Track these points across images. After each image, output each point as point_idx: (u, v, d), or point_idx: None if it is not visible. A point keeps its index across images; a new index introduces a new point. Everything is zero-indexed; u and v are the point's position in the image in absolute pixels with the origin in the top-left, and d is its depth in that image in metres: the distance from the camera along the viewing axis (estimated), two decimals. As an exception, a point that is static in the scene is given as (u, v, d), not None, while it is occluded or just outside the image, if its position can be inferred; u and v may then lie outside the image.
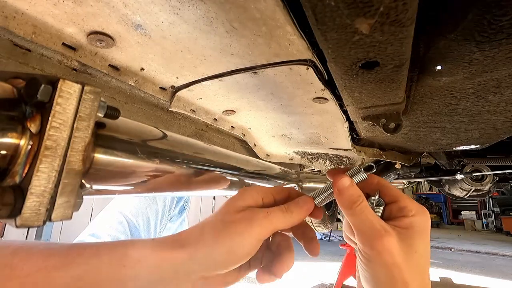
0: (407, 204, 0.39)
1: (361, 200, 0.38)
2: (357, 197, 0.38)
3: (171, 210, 1.31)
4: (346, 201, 0.38)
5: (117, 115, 0.34)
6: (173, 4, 0.40)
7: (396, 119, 0.61)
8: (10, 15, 0.41)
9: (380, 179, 0.42)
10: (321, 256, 4.97)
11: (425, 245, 0.37)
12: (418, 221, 0.38)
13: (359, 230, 0.38)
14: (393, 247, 0.35)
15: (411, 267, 0.35)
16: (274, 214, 0.37)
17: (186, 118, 0.86)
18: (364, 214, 0.37)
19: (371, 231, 0.36)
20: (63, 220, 0.29)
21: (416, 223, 0.37)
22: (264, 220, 0.36)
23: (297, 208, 0.40)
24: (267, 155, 1.22)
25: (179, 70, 0.60)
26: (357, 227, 0.38)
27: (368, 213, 0.37)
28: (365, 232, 0.37)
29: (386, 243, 0.35)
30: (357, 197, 0.38)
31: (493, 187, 1.97)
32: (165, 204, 1.27)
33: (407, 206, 0.39)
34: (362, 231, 0.37)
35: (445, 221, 11.08)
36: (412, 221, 0.37)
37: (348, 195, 0.38)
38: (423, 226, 0.38)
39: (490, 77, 0.50)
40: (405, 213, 0.38)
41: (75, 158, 0.29)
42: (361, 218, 0.37)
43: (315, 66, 0.54)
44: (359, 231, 0.38)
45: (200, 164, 0.56)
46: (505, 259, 5.29)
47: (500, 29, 0.35)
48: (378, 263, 0.36)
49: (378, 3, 0.27)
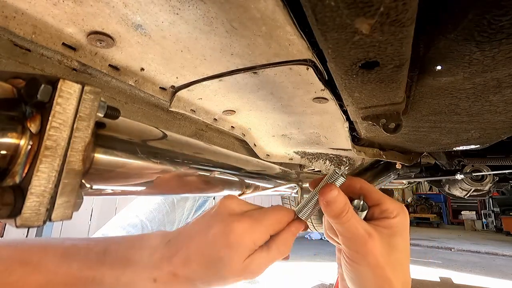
0: (389, 206, 0.40)
1: (347, 208, 0.39)
2: (344, 206, 0.38)
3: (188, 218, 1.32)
4: (333, 211, 0.39)
5: (117, 115, 0.34)
6: (173, 4, 0.40)
7: (396, 119, 0.61)
8: (10, 15, 0.41)
9: (363, 183, 0.43)
10: (321, 256, 4.97)
11: (405, 242, 0.40)
12: (398, 221, 0.40)
13: (344, 236, 0.39)
14: (376, 249, 0.37)
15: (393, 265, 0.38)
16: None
17: (186, 118, 0.86)
18: (350, 222, 0.38)
19: (355, 237, 0.38)
20: (63, 220, 0.29)
21: (397, 223, 0.39)
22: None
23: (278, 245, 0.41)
24: (267, 155, 1.22)
25: (179, 70, 0.60)
26: (343, 233, 0.39)
27: (354, 220, 0.39)
28: (349, 238, 0.38)
29: (370, 247, 0.37)
30: (344, 206, 0.38)
31: (493, 187, 1.97)
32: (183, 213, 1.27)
33: (389, 209, 0.40)
34: (347, 237, 0.39)
35: (445, 221, 11.08)
36: (393, 222, 0.39)
37: (335, 206, 0.39)
38: (403, 225, 0.40)
39: (490, 77, 0.50)
40: (386, 215, 0.40)
41: (75, 158, 0.29)
42: (347, 226, 0.38)
43: (315, 66, 0.54)
44: (344, 237, 0.39)
45: (200, 164, 0.56)
46: (505, 259, 5.28)
47: (500, 29, 0.35)
48: (363, 265, 0.38)
49: (378, 3, 0.27)
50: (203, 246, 0.38)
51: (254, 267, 0.38)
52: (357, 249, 0.38)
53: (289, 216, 0.43)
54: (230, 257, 0.37)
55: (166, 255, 0.38)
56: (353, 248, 0.38)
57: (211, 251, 0.38)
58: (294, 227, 0.42)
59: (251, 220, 0.39)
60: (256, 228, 0.39)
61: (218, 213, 0.41)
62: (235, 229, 0.38)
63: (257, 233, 0.39)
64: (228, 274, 0.37)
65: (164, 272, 0.37)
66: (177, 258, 0.38)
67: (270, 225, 0.41)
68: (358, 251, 0.38)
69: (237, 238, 0.37)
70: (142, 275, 0.37)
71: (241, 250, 0.37)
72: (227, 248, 0.37)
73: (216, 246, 0.38)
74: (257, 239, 0.39)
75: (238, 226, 0.38)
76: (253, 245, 0.38)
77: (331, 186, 0.39)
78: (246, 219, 0.39)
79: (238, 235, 0.38)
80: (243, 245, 0.38)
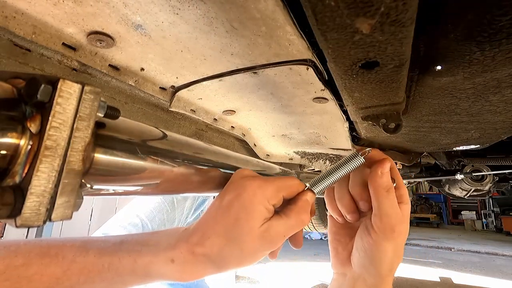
0: (405, 192, 0.44)
1: (392, 186, 0.42)
2: (390, 183, 0.42)
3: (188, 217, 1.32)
4: (384, 183, 0.41)
5: (117, 115, 0.34)
6: (173, 4, 0.40)
7: (396, 119, 0.61)
8: (10, 15, 0.41)
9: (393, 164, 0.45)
10: (321, 256, 4.97)
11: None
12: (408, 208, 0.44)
13: (386, 214, 0.41)
14: (406, 231, 0.42)
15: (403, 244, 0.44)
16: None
17: (186, 118, 0.86)
18: (394, 199, 0.42)
19: (396, 216, 0.41)
20: (63, 220, 0.29)
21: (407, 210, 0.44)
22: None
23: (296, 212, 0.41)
24: (267, 155, 1.22)
25: (179, 70, 0.60)
26: (386, 211, 0.41)
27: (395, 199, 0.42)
28: (391, 215, 0.41)
29: (404, 227, 0.42)
30: (390, 183, 0.42)
31: (493, 187, 1.97)
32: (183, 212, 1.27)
33: (404, 195, 0.44)
34: (388, 214, 0.41)
35: (445, 221, 11.07)
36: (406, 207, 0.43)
37: (387, 178, 0.42)
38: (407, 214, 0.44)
39: (490, 77, 0.50)
40: (402, 200, 0.43)
41: (75, 158, 0.29)
42: (392, 203, 0.41)
43: (315, 66, 0.54)
44: (385, 215, 0.41)
45: (200, 164, 0.56)
46: (505, 259, 5.28)
47: (500, 29, 0.35)
48: (390, 241, 0.41)
49: (378, 3, 0.27)
50: (219, 216, 0.38)
51: (273, 234, 0.37)
52: (393, 226, 0.41)
53: (300, 185, 0.43)
54: (247, 218, 0.36)
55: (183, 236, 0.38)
56: (389, 224, 0.41)
57: (227, 217, 0.37)
58: (307, 195, 0.42)
59: (262, 179, 0.40)
60: (267, 185, 0.39)
61: (231, 182, 0.42)
62: (247, 187, 0.38)
63: (269, 189, 0.39)
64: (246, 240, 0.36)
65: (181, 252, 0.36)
66: (195, 236, 0.37)
67: (282, 185, 0.41)
68: (394, 229, 0.41)
69: (250, 196, 0.37)
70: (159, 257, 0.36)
71: (255, 209, 0.37)
72: (241, 208, 0.37)
73: (231, 210, 0.37)
74: (270, 196, 0.38)
75: (250, 184, 0.38)
76: (266, 202, 0.38)
77: (387, 159, 0.43)
78: (257, 178, 0.40)
79: (250, 192, 0.38)
80: (256, 202, 0.37)
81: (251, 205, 0.37)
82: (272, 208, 0.39)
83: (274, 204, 0.39)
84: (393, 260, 0.42)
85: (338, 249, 0.49)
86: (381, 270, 0.42)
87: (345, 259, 0.48)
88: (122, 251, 0.36)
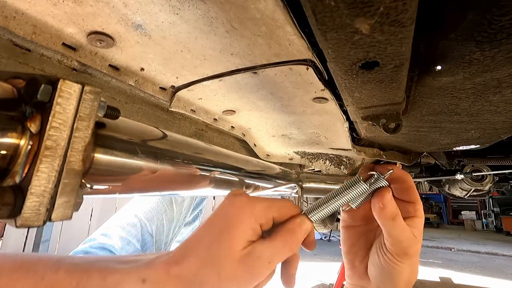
0: (420, 206, 0.44)
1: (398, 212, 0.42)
2: (396, 209, 0.41)
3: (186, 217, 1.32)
4: (389, 213, 0.41)
5: (117, 115, 0.34)
6: (173, 4, 0.40)
7: (396, 119, 0.61)
8: (10, 15, 0.41)
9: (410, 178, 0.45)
10: (321, 256, 4.96)
11: None
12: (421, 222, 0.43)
13: (397, 239, 0.41)
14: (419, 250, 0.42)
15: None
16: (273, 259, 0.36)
17: (186, 118, 0.86)
18: (403, 224, 0.41)
19: (407, 239, 0.41)
20: (63, 220, 0.29)
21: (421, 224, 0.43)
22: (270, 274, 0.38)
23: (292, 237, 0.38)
24: (267, 155, 1.22)
25: (179, 70, 0.60)
26: (395, 235, 0.41)
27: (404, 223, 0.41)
28: (403, 240, 0.41)
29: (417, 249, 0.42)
30: (396, 209, 0.41)
31: (493, 187, 1.97)
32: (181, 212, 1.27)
33: (419, 209, 0.44)
34: (400, 240, 0.41)
35: (445, 221, 11.08)
36: (420, 221, 0.43)
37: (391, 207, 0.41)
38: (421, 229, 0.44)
39: (490, 77, 0.50)
40: (417, 214, 0.43)
41: (75, 158, 0.29)
42: (401, 228, 0.41)
43: (315, 66, 0.54)
44: (397, 239, 0.41)
45: (200, 164, 0.56)
46: (505, 259, 5.28)
47: (500, 29, 0.35)
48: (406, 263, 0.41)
49: (378, 3, 0.27)
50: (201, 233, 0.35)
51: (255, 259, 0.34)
52: (405, 250, 0.41)
53: (293, 207, 0.40)
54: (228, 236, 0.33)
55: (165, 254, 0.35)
56: (401, 249, 0.41)
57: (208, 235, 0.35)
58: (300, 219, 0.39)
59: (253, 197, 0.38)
60: (256, 202, 0.37)
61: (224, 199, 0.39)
62: (235, 202, 0.36)
63: (258, 207, 0.36)
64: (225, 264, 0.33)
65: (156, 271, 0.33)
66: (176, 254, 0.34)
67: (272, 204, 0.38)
68: (407, 252, 0.41)
69: (236, 210, 0.35)
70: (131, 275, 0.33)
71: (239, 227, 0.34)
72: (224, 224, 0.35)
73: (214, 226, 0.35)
74: (258, 214, 0.36)
75: (239, 200, 0.36)
76: (253, 221, 0.35)
77: (387, 190, 0.42)
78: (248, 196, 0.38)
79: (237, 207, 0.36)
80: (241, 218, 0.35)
81: (236, 221, 0.34)
82: (259, 229, 0.36)
83: (261, 224, 0.36)
84: (410, 277, 0.42)
85: (355, 263, 0.48)
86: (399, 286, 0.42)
87: (362, 273, 0.47)
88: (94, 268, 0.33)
